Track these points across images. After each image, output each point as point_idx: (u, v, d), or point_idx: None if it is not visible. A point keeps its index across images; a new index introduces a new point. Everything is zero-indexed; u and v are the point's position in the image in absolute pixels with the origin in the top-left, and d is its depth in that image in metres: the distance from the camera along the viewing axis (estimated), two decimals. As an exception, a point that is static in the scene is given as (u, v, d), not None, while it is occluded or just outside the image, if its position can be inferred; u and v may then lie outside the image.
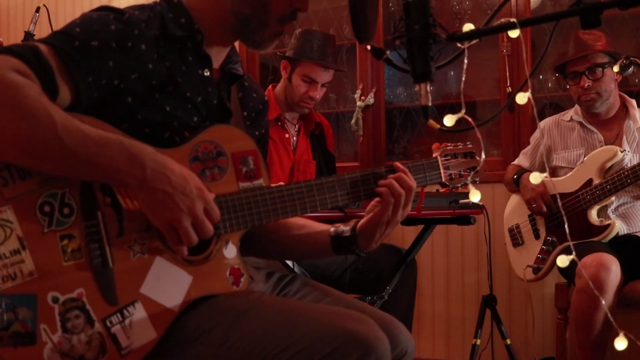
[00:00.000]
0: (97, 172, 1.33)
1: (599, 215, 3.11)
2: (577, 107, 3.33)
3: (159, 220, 1.37)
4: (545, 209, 3.20)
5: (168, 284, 1.42)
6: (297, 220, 1.74)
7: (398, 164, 1.65)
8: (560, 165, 3.31)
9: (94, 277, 1.35)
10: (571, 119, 3.34)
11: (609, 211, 3.12)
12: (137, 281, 1.39)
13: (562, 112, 3.43)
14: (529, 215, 3.33)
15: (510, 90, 3.91)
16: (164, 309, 1.40)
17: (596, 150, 3.16)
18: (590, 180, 3.12)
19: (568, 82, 3.25)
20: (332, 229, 1.69)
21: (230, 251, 1.51)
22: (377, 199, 1.62)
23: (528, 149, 3.50)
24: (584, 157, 3.20)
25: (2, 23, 5.69)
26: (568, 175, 3.22)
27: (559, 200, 3.19)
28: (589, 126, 3.26)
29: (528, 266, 3.24)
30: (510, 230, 3.41)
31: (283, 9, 1.57)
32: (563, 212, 3.28)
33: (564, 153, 3.31)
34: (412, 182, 1.62)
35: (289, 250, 1.78)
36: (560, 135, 3.36)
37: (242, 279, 1.51)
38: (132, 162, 1.33)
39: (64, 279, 1.32)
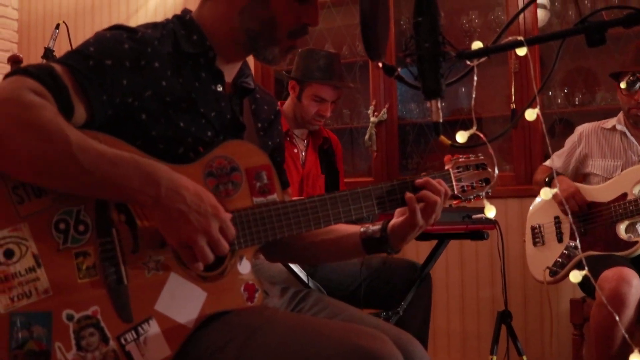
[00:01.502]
0: (112, 191, 1.33)
1: (627, 231, 3.07)
2: (620, 116, 3.30)
3: (174, 238, 1.37)
4: (577, 208, 3.16)
5: (182, 301, 1.42)
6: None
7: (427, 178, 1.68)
8: (594, 172, 3.29)
9: (108, 294, 1.35)
10: (613, 128, 3.30)
11: (638, 226, 3.10)
12: (151, 298, 1.39)
13: (603, 120, 3.38)
14: (555, 217, 3.30)
15: (514, 107, 3.91)
16: (178, 326, 1.41)
17: (637, 166, 3.13)
18: (624, 194, 3.09)
19: (621, 90, 3.19)
20: (361, 230, 1.72)
21: (245, 267, 1.51)
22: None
23: (562, 151, 3.46)
24: (621, 169, 3.18)
25: (23, 39, 5.77)
26: (602, 185, 3.19)
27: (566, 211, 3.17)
28: (632, 138, 3.23)
29: (547, 268, 3.21)
30: (533, 229, 3.37)
31: (292, 24, 1.59)
32: (572, 226, 3.26)
33: (601, 161, 3.28)
34: (447, 189, 1.68)
35: (319, 254, 1.80)
36: (599, 142, 3.33)
37: (257, 295, 1.52)
38: (147, 181, 1.33)
39: (79, 297, 1.33)
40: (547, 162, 3.51)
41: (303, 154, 3.36)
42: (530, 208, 3.44)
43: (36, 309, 1.30)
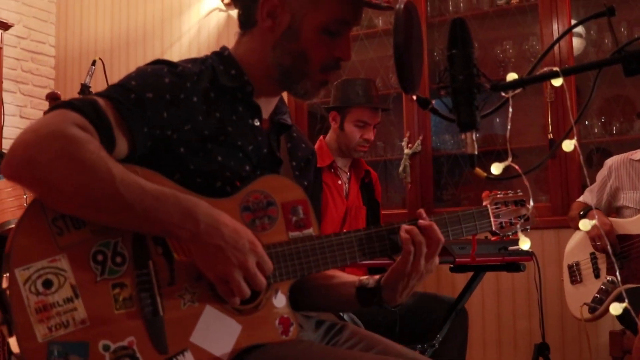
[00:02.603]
0: (152, 226, 1.35)
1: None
2: None
3: (212, 273, 1.38)
4: (609, 247, 3.12)
5: (218, 333, 1.42)
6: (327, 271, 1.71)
7: (422, 211, 1.63)
8: (627, 205, 3.25)
9: (144, 325, 1.36)
10: None
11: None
12: (187, 330, 1.39)
13: (632, 151, 3.36)
14: (591, 254, 3.26)
15: (552, 137, 3.88)
16: (213, 358, 1.40)
17: None
18: None
19: None
20: (357, 280, 1.68)
21: (280, 300, 1.51)
22: None
23: (594, 186, 3.43)
24: None
25: (60, 75, 5.90)
26: (635, 217, 3.15)
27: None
28: None
29: (585, 304, 3.16)
30: (570, 267, 3.33)
31: (324, 58, 1.59)
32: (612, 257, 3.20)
33: (632, 193, 3.25)
34: (436, 233, 1.58)
35: (316, 300, 1.76)
36: (628, 174, 3.29)
37: (292, 328, 1.51)
38: (187, 216, 1.34)
39: (115, 327, 1.33)
40: (581, 198, 3.48)
41: (346, 185, 3.38)
42: (567, 247, 3.41)
43: (73, 339, 1.30)
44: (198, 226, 1.35)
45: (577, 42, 4.22)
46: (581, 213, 3.29)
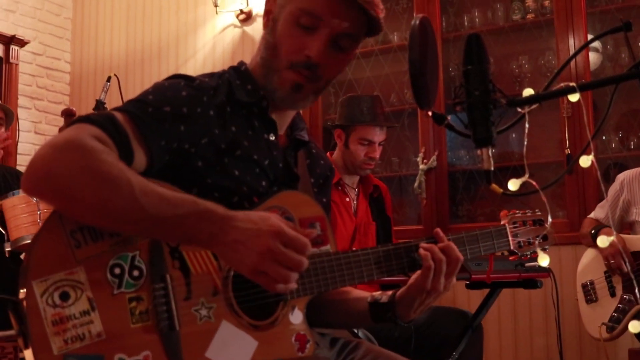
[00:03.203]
0: (173, 232, 1.33)
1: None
2: None
3: (244, 270, 1.33)
4: (624, 267, 3.09)
5: (233, 349, 1.42)
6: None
7: (439, 231, 1.63)
8: (639, 220, 3.22)
9: (160, 339, 1.35)
10: None
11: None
12: (203, 345, 1.39)
13: None
14: (605, 272, 3.23)
15: (570, 152, 3.86)
16: (228, 373, 1.40)
17: None
18: None
19: None
20: (370, 296, 1.67)
21: (297, 317, 1.51)
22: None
23: (605, 201, 3.41)
24: None
25: (74, 91, 5.95)
26: None
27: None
28: None
29: (603, 324, 3.12)
30: (584, 286, 3.30)
31: (292, 53, 1.55)
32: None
33: None
34: (455, 252, 1.58)
35: (330, 317, 1.74)
36: None
37: (308, 345, 1.51)
38: (203, 218, 1.32)
39: (131, 341, 1.33)
40: (592, 215, 3.45)
41: (355, 202, 3.37)
42: (579, 266, 3.38)
43: (89, 352, 1.30)
44: (214, 226, 1.32)
45: (593, 57, 4.21)
46: (592, 232, 3.26)
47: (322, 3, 1.53)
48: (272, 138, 1.63)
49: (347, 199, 3.34)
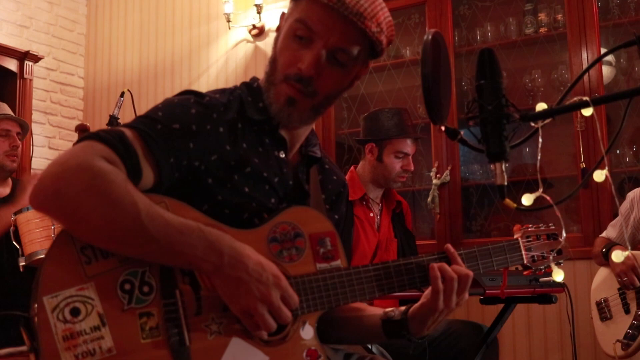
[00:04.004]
0: (177, 258, 1.35)
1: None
2: None
3: (236, 306, 1.38)
4: (637, 282, 3.07)
5: (244, 364, 1.41)
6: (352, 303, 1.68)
7: (449, 246, 1.62)
8: None
9: (171, 355, 1.35)
10: None
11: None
12: (213, 360, 1.39)
13: None
14: (619, 289, 3.21)
15: (584, 166, 3.84)
16: (239, 389, 1.39)
17: None
18: None
19: None
20: (383, 313, 1.66)
21: (307, 332, 1.50)
22: None
23: (617, 220, 3.39)
24: None
25: (88, 107, 5.98)
26: None
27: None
28: None
29: (617, 341, 3.10)
30: (598, 304, 3.28)
31: (287, 65, 1.53)
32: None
33: None
34: (463, 269, 1.57)
35: (343, 333, 1.74)
36: None
37: (319, 360, 1.50)
38: (210, 249, 1.35)
39: (142, 357, 1.33)
40: (604, 234, 3.44)
41: (378, 217, 3.37)
42: (593, 284, 3.36)
43: (100, 368, 1.30)
44: (221, 259, 1.35)
45: (607, 71, 4.19)
46: (603, 250, 3.25)
47: (316, 15, 1.51)
48: (282, 155, 1.63)
49: (371, 214, 3.34)
